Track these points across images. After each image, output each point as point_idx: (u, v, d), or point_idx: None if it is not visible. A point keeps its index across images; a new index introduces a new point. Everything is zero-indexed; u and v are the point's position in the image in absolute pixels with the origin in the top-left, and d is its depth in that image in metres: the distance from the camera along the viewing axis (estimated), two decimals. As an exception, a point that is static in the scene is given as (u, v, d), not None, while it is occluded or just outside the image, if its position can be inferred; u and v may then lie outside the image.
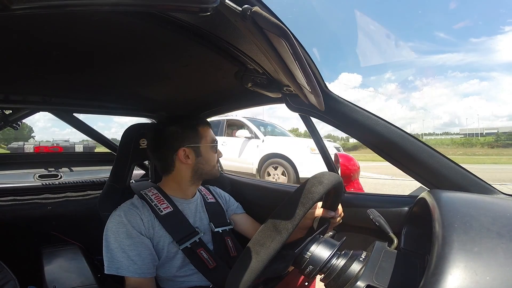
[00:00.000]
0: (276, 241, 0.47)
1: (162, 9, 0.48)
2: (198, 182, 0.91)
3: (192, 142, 0.84)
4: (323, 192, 0.53)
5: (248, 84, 0.82)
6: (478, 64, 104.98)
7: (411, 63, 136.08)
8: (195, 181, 0.88)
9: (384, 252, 0.51)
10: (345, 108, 0.76)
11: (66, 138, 9.47)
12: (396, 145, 0.71)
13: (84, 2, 0.31)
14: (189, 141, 0.84)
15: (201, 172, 0.86)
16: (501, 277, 0.31)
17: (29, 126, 47.56)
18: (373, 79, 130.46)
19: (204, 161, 0.85)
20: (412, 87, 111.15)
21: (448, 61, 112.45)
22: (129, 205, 0.80)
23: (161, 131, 0.85)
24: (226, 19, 0.44)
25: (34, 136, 45.91)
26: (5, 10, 0.26)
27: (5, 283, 0.93)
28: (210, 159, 0.87)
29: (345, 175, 1.23)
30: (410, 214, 0.68)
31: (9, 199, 1.34)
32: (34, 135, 49.49)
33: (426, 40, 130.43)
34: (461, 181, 0.65)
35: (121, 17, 0.52)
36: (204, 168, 0.86)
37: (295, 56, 0.44)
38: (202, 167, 0.86)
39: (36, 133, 54.81)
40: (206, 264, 0.79)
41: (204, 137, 0.86)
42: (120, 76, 0.89)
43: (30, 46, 0.63)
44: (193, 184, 0.89)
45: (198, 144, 0.84)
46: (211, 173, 0.88)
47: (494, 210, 0.45)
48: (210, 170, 0.87)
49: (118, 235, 0.74)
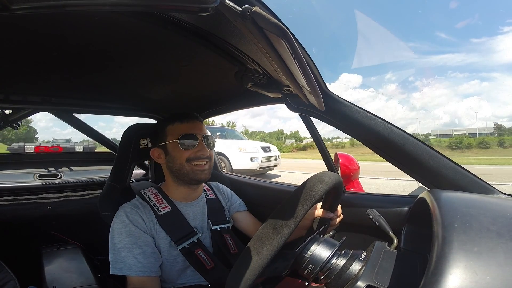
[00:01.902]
0: (278, 238, 0.47)
1: (162, 9, 0.48)
2: (187, 184, 0.85)
3: (160, 141, 0.85)
4: (325, 190, 0.54)
5: (248, 84, 0.82)
6: (478, 65, 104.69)
7: (411, 64, 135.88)
8: (180, 183, 0.85)
9: (384, 252, 0.51)
10: (345, 108, 0.76)
11: (68, 137, 9.48)
12: (396, 145, 0.71)
13: (84, 2, 0.31)
14: (158, 140, 0.85)
15: (176, 171, 0.83)
16: (501, 277, 0.31)
17: (33, 128, 47.93)
18: (374, 80, 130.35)
19: (171, 159, 0.82)
20: (412, 88, 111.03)
21: (449, 62, 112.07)
22: (130, 205, 0.81)
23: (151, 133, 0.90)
24: (226, 19, 0.44)
25: (37, 137, 46.25)
26: (5, 10, 0.26)
27: (5, 283, 0.93)
28: (177, 156, 0.81)
29: (345, 175, 1.23)
30: (410, 214, 0.68)
31: (9, 199, 1.34)
32: (38, 136, 49.98)
33: (427, 40, 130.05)
34: (461, 181, 0.65)
35: (121, 17, 0.52)
36: (174, 167, 0.82)
37: (295, 56, 0.44)
38: (172, 166, 0.83)
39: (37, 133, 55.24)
40: (204, 264, 0.79)
41: (171, 135, 0.82)
42: (120, 76, 0.89)
43: (30, 46, 0.63)
44: (186, 186, 0.85)
45: (165, 142, 0.83)
46: (182, 172, 0.81)
47: (494, 210, 0.45)
48: (180, 169, 0.81)
49: (121, 235, 0.74)
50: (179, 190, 0.87)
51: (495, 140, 35.46)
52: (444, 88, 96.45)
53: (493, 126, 50.81)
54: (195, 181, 0.84)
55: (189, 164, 0.81)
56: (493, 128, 50.02)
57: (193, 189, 0.87)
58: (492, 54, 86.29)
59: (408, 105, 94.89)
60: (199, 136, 0.82)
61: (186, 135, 0.81)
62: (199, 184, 0.89)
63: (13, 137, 14.17)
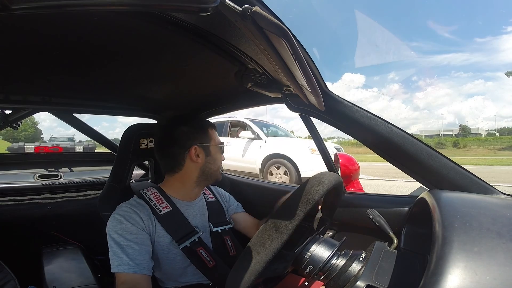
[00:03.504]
0: (275, 241, 0.47)
1: (162, 9, 0.48)
2: (203, 185, 0.91)
3: (203, 142, 0.86)
4: (323, 192, 0.53)
5: (248, 84, 0.82)
6: (483, 64, 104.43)
7: (414, 63, 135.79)
8: (200, 183, 0.88)
9: (384, 252, 0.51)
10: (345, 108, 0.76)
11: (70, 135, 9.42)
12: (396, 145, 0.71)
13: (84, 2, 0.31)
14: (200, 140, 0.86)
15: (208, 172, 0.88)
16: (501, 277, 0.31)
17: (39, 129, 48.24)
18: (377, 79, 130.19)
19: (212, 160, 0.88)
20: (416, 87, 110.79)
21: (453, 61, 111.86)
22: (126, 204, 0.81)
23: (172, 130, 0.86)
24: (226, 19, 0.44)
25: (42, 137, 46.54)
26: (5, 10, 0.26)
27: (5, 283, 0.93)
28: (218, 159, 0.90)
29: (345, 175, 1.23)
30: (410, 214, 0.68)
31: (9, 199, 1.34)
32: (43, 136, 50.34)
33: (430, 40, 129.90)
34: (461, 181, 0.65)
35: (121, 17, 0.52)
36: (211, 168, 0.88)
37: (295, 56, 0.44)
38: (210, 167, 0.87)
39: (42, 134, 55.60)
40: (205, 263, 0.79)
41: (213, 138, 0.89)
42: (120, 76, 0.89)
43: (30, 46, 0.63)
44: (198, 186, 0.89)
45: (208, 144, 0.87)
46: (216, 174, 0.90)
47: (494, 210, 0.46)
48: (216, 171, 0.89)
49: (116, 233, 0.74)
50: (185, 189, 0.88)
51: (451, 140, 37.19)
52: (448, 88, 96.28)
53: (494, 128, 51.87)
54: (216, 182, 0.93)
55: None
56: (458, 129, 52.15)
57: (202, 187, 0.93)
58: (497, 53, 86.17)
59: (412, 105, 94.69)
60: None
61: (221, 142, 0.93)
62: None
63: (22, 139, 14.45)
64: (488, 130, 49.38)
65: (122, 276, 0.71)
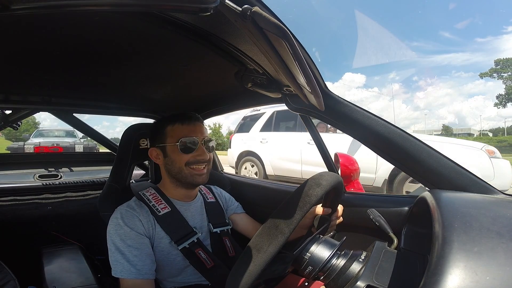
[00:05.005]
0: (273, 245, 0.47)
1: (162, 9, 0.48)
2: (184, 186, 0.85)
3: (159, 142, 0.83)
4: (321, 194, 0.53)
5: (248, 84, 0.82)
6: (484, 64, 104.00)
7: (415, 63, 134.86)
8: (178, 184, 0.84)
9: (384, 252, 0.51)
10: (345, 108, 0.76)
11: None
12: (396, 145, 0.71)
13: (84, 2, 0.31)
14: (157, 141, 0.84)
15: (172, 174, 0.83)
16: (501, 277, 0.31)
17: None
18: (377, 79, 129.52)
19: (170, 161, 0.82)
20: (416, 87, 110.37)
21: (454, 61, 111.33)
22: (125, 207, 0.80)
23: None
24: (226, 19, 0.44)
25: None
26: (5, 10, 0.26)
27: (5, 283, 0.93)
28: (176, 159, 0.80)
29: (345, 175, 1.23)
30: (410, 214, 0.68)
31: (9, 199, 1.34)
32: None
33: (431, 40, 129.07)
34: (461, 181, 0.65)
35: (121, 17, 0.52)
36: (172, 170, 0.82)
37: (295, 56, 0.44)
38: (170, 168, 0.82)
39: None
40: (204, 263, 0.79)
41: (170, 136, 0.81)
42: (120, 76, 0.89)
43: (30, 46, 0.63)
44: (184, 188, 0.85)
45: (164, 143, 0.82)
46: (181, 176, 0.81)
47: (494, 210, 0.46)
48: (178, 173, 0.81)
49: (116, 238, 0.74)
50: (177, 190, 0.87)
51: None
52: (449, 88, 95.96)
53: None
54: (193, 185, 0.84)
55: (188, 167, 0.80)
56: (441, 130, 52.96)
57: (189, 188, 0.88)
58: (498, 53, 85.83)
59: (412, 105, 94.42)
60: (199, 139, 0.81)
61: (186, 138, 0.79)
62: (196, 187, 0.90)
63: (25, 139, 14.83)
64: (481, 130, 49.62)
65: (125, 282, 0.72)
